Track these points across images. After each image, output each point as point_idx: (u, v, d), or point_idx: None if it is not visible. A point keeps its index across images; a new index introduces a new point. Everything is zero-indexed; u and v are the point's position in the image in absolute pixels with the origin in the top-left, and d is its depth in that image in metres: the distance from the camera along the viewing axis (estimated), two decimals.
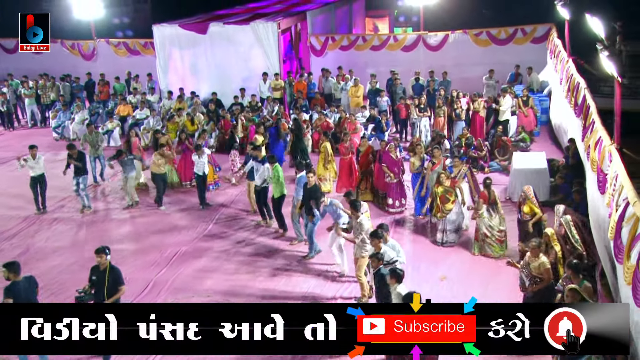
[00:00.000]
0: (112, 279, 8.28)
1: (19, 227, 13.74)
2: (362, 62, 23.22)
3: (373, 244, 9.08)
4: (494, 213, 11.42)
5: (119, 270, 8.50)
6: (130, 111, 20.67)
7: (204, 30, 21.53)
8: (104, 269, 8.32)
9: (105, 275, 8.25)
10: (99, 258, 8.33)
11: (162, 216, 14.23)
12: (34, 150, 14.15)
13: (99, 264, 8.38)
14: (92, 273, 8.44)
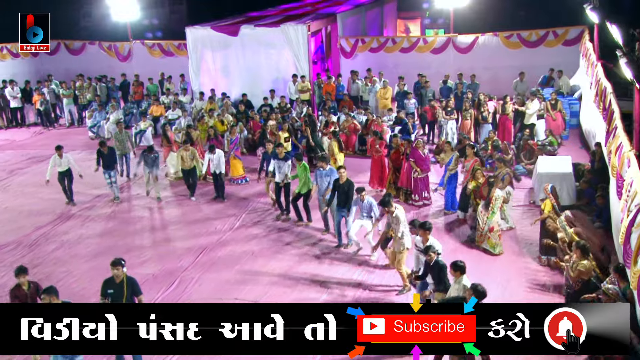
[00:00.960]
0: (130, 291, 8.14)
1: (54, 222, 14.24)
2: (392, 64, 23.30)
3: (422, 234, 9.48)
4: (485, 211, 11.62)
5: (135, 280, 8.38)
6: (163, 111, 21.16)
7: (236, 33, 21.91)
8: (120, 281, 8.16)
9: (122, 287, 8.10)
10: (115, 270, 8.12)
11: (194, 208, 14.67)
12: (61, 151, 14.80)
13: (114, 277, 8.17)
14: (107, 286, 8.22)
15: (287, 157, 13.56)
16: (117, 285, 8.13)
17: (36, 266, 12.07)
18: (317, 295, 10.68)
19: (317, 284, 11.06)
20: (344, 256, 12.05)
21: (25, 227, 14.03)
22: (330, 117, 18.79)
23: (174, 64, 25.08)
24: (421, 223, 9.80)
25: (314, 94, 21.73)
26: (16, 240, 13.27)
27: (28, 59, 27.23)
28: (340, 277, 11.25)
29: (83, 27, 30.40)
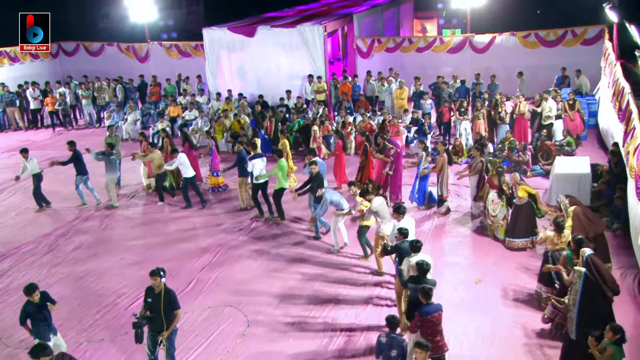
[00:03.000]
0: (167, 302, 8.04)
1: (74, 222, 14.42)
2: (408, 64, 23.24)
3: (395, 217, 10.08)
4: (496, 199, 12.10)
5: (174, 293, 8.25)
6: (180, 112, 21.31)
7: (252, 33, 21.99)
8: (159, 292, 8.08)
9: (160, 298, 8.02)
10: (153, 280, 8.06)
11: (207, 211, 14.71)
12: (25, 154, 14.73)
13: (153, 286, 8.13)
14: (148, 294, 8.20)
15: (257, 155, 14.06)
16: (155, 296, 8.09)
17: (55, 266, 12.25)
18: (337, 291, 10.75)
19: (334, 283, 11.10)
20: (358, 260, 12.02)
21: (45, 227, 14.22)
22: (347, 117, 18.81)
23: (191, 65, 25.24)
24: (395, 206, 10.25)
25: (330, 94, 21.76)
26: (36, 240, 13.45)
27: (47, 60, 27.58)
28: (356, 276, 11.30)
29: (102, 28, 30.66)
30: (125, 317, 10.24)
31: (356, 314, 10.04)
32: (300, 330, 9.69)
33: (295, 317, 10.04)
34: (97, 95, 23.43)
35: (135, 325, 8.10)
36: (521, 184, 11.95)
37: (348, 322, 9.83)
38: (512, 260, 11.54)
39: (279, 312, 10.20)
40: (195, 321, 9.99)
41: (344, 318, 9.96)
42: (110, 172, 14.96)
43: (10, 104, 23.10)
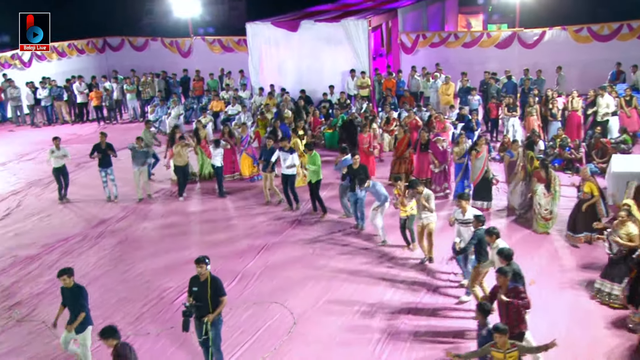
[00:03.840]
0: (214, 290, 7.93)
1: (118, 215, 14.46)
2: (454, 59, 22.78)
3: (461, 205, 10.07)
4: (547, 193, 12.02)
5: (219, 280, 8.14)
6: (223, 107, 21.30)
7: (295, 28, 21.82)
8: (205, 279, 7.96)
9: (206, 286, 7.91)
10: (199, 268, 7.93)
11: (248, 206, 14.61)
12: (57, 141, 15.03)
13: (199, 275, 7.98)
14: (192, 284, 8.06)
15: (291, 149, 14.09)
16: (201, 284, 7.95)
17: (101, 259, 12.28)
18: (384, 290, 10.50)
19: (380, 280, 10.86)
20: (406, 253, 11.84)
21: (91, 219, 14.30)
22: (391, 113, 18.49)
23: (234, 60, 25.26)
24: (459, 194, 10.36)
25: (373, 89, 21.47)
26: (82, 232, 13.52)
27: (93, 55, 27.99)
28: (402, 273, 11.06)
29: (146, 23, 30.95)
30: (170, 312, 10.17)
31: (402, 318, 9.74)
32: (346, 329, 9.45)
33: (341, 315, 9.80)
34: (142, 90, 23.59)
35: (185, 313, 7.96)
36: (590, 179, 11.58)
37: (395, 323, 9.56)
38: (565, 257, 11.16)
39: (324, 310, 9.98)
40: (241, 317, 9.84)
41: (392, 317, 9.70)
42: (135, 164, 15.11)
43: (58, 98, 23.43)
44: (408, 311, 9.91)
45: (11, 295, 10.89)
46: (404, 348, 8.96)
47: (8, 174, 17.89)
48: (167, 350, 9.15)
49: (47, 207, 15.21)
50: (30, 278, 11.49)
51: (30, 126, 23.48)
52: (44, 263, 12.11)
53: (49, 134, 22.18)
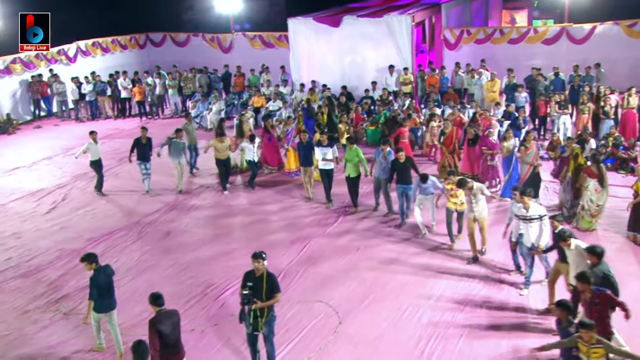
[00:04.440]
0: (269, 286, 7.77)
1: (161, 209, 14.48)
2: (499, 56, 22.27)
3: (524, 201, 9.73)
4: (600, 188, 11.78)
5: (275, 277, 7.96)
6: (264, 103, 21.23)
7: (338, 23, 21.62)
8: (261, 275, 7.80)
9: (262, 282, 7.75)
10: (256, 263, 7.76)
11: (288, 201, 14.49)
12: (94, 135, 15.27)
13: (254, 270, 7.82)
14: (247, 279, 7.86)
15: (330, 144, 13.92)
16: (256, 279, 7.79)
17: (145, 253, 12.28)
18: (433, 286, 10.26)
19: (429, 276, 10.67)
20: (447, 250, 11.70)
21: (134, 214, 14.34)
22: (435, 109, 18.13)
23: (275, 56, 25.20)
24: (522, 189, 9.98)
25: (416, 86, 21.13)
26: (126, 227, 13.57)
27: (135, 51, 28.25)
28: (452, 268, 10.91)
29: (188, 19, 31.14)
30: (214, 308, 10.10)
31: (453, 315, 9.50)
32: (395, 328, 9.22)
33: (389, 314, 9.58)
34: (183, 85, 23.69)
35: (244, 301, 7.67)
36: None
37: (446, 321, 9.31)
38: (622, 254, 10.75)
39: (371, 309, 9.77)
40: (286, 315, 9.69)
41: (443, 314, 9.48)
42: (172, 156, 15.27)
43: (102, 93, 23.69)
44: (459, 308, 9.70)
45: (58, 288, 10.96)
46: (456, 347, 8.72)
47: (54, 168, 18.12)
48: (212, 347, 9.06)
49: (91, 201, 15.33)
50: (76, 272, 11.53)
51: (75, 121, 23.79)
52: None
53: (92, 128, 22.52)
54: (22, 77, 23.50)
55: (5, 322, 9.90)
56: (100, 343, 9.05)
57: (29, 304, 10.44)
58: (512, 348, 8.62)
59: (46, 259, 12.16)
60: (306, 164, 14.41)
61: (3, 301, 10.56)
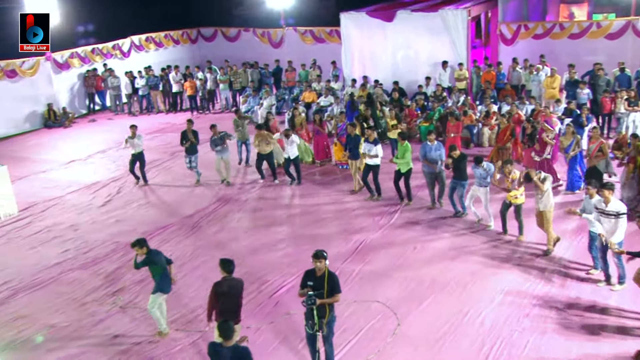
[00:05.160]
0: (331, 287, 7.54)
1: (213, 205, 14.43)
2: (559, 51, 21.48)
3: (604, 195, 9.26)
4: None
5: (337, 277, 7.73)
6: (315, 98, 21.05)
7: (391, 18, 21.27)
8: (322, 274, 7.59)
9: (323, 281, 7.55)
10: (318, 263, 7.54)
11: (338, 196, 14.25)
12: (134, 129, 15.37)
13: (315, 269, 7.61)
14: (308, 278, 7.67)
15: (376, 140, 13.74)
16: (317, 279, 7.57)
17: (198, 248, 12.24)
18: (494, 293, 9.83)
19: (492, 275, 10.29)
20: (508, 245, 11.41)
21: (187, 208, 14.34)
22: (491, 106, 17.62)
23: (325, 51, 24.98)
24: (603, 183, 9.72)
25: (471, 82, 20.61)
26: (179, 221, 13.56)
27: (187, 46, 28.46)
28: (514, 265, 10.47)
29: (239, 14, 31.18)
30: (269, 306, 9.96)
31: (518, 318, 9.11)
32: (456, 332, 8.89)
33: (449, 317, 9.25)
34: (233, 80, 23.70)
35: (308, 302, 7.45)
36: None
37: (511, 325, 8.92)
38: None
39: (430, 311, 9.47)
40: (343, 315, 9.45)
41: (508, 317, 9.11)
42: (218, 152, 15.31)
43: (154, 87, 23.91)
44: (524, 310, 9.32)
45: (115, 281, 11.01)
46: (522, 353, 8.36)
47: (108, 161, 18.35)
48: (269, 345, 8.91)
49: (144, 194, 15.44)
50: (132, 265, 11.51)
51: (128, 115, 24.10)
52: None
53: (145, 122, 22.80)
54: (79, 71, 23.90)
55: (65, 314, 9.98)
56: (164, 327, 9.15)
57: (86, 296, 10.51)
58: (585, 355, 8.19)
59: (102, 251, 12.25)
60: (353, 157, 14.42)
61: (62, 292, 10.67)
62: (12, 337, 9.39)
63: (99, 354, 8.87)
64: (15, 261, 11.96)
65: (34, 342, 9.24)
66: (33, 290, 10.80)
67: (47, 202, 15.09)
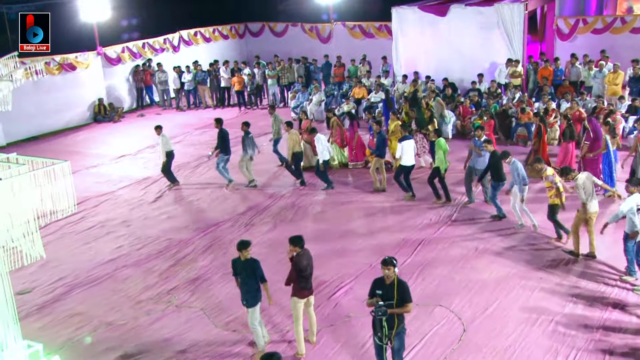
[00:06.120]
0: (401, 296, 7.22)
1: (265, 202, 14.20)
2: (620, 46, 20.62)
3: None
4: None
5: (407, 285, 7.41)
6: (365, 94, 20.67)
7: (444, 12, 20.75)
8: (391, 282, 7.26)
9: (393, 290, 7.21)
10: (386, 270, 7.22)
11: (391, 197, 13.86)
12: (159, 130, 15.02)
13: (384, 277, 7.30)
14: (376, 286, 7.36)
15: (404, 137, 13.62)
16: (387, 287, 7.26)
17: (253, 246, 11.72)
18: (564, 299, 9.34)
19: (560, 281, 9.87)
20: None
21: (238, 205, 14.14)
22: (550, 103, 16.97)
23: (374, 46, 24.53)
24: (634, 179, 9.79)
25: (526, 78, 19.93)
26: (232, 219, 13.36)
27: (235, 41, 28.39)
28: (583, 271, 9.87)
29: (286, 9, 31.00)
30: (328, 307, 9.66)
31: (592, 326, 8.60)
32: (525, 339, 8.44)
33: (518, 324, 8.81)
34: (281, 75, 23.48)
35: (378, 313, 7.09)
36: None
37: (585, 333, 8.43)
38: None
39: (497, 317, 9.03)
40: (405, 319, 9.09)
41: (580, 329, 8.58)
42: (244, 150, 15.02)
43: (202, 82, 23.85)
44: (599, 317, 8.89)
45: (169, 279, 10.84)
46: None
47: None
48: (330, 348, 8.61)
49: (195, 190, 15.31)
50: (186, 262, 11.43)
51: (176, 110, 24.11)
52: (197, 248, 12.04)
53: (193, 117, 22.79)
54: (129, 66, 24.01)
55: (121, 311, 9.86)
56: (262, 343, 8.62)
57: (141, 294, 10.37)
58: None
59: (155, 248, 12.13)
60: (378, 154, 14.26)
61: (117, 289, 10.56)
62: (70, 335, 9.29)
63: (156, 355, 8.69)
64: (70, 257, 11.92)
65: (89, 341, 9.12)
66: (88, 287, 10.72)
67: (100, 197, 15.08)
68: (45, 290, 10.68)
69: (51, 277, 11.10)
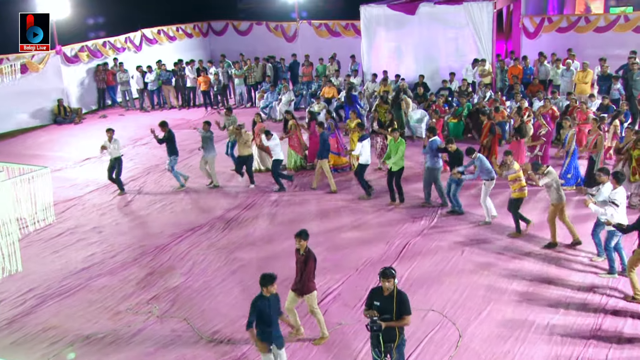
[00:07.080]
0: (399, 308, 6.90)
1: (240, 205, 13.80)
2: (583, 45, 20.92)
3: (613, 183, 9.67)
4: None
5: (407, 296, 7.04)
6: (335, 93, 20.41)
7: (413, 11, 20.65)
8: (390, 294, 6.94)
9: (392, 302, 6.88)
10: (386, 283, 6.90)
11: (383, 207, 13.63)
12: (110, 134, 14.47)
13: (382, 288, 7.00)
14: (374, 297, 7.06)
15: (363, 137, 13.81)
16: (384, 298, 6.94)
17: (233, 251, 11.58)
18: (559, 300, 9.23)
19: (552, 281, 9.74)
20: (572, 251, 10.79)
21: (212, 209, 13.71)
22: (523, 102, 17.00)
23: (341, 45, 24.35)
24: (614, 172, 10.00)
25: (495, 77, 20.01)
26: (208, 223, 12.91)
27: (199, 39, 27.76)
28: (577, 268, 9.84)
29: (249, 7, 30.48)
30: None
31: (591, 328, 8.55)
32: (524, 344, 8.31)
33: (514, 329, 8.66)
34: (247, 75, 23.02)
35: (373, 328, 6.81)
36: None
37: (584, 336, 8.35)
38: None
39: (491, 321, 8.87)
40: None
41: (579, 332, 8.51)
42: (206, 151, 14.68)
43: (167, 82, 23.18)
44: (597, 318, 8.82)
45: (147, 287, 10.35)
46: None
47: (125, 160, 17.50)
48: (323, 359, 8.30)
49: (167, 194, 14.79)
50: (164, 270, 10.95)
51: (139, 110, 23.39)
52: (175, 254, 11.55)
53: (158, 118, 22.02)
54: (88, 66, 23.16)
55: (98, 323, 9.33)
56: None
57: (119, 305, 9.86)
58: None
59: (130, 255, 11.61)
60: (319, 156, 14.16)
61: (93, 300, 10.01)
62: (44, 351, 8.74)
63: None
64: (39, 266, 11.27)
65: (67, 356, 8.58)
66: (61, 298, 10.13)
67: (66, 202, 14.40)
68: (14, 303, 10.07)
69: (20, 289, 10.47)
